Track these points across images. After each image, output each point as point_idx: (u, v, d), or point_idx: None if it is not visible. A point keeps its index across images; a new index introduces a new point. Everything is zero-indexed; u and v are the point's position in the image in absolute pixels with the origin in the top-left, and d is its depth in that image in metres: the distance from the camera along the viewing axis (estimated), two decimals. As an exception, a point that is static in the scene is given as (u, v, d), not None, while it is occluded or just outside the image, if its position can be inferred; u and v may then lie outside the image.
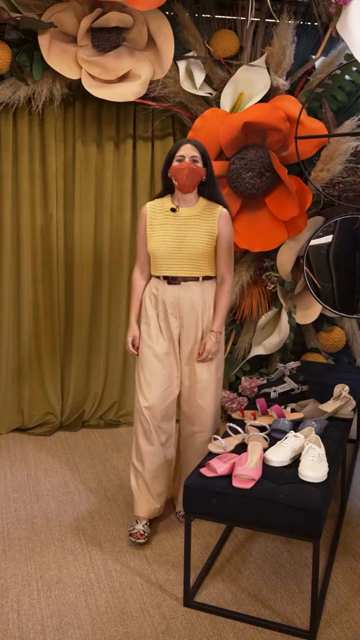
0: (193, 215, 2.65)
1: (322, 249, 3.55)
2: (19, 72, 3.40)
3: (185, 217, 2.65)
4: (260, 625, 2.18)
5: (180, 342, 2.70)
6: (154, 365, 2.67)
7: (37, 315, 3.88)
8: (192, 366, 2.71)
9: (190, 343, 2.70)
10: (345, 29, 3.14)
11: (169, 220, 2.65)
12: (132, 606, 2.27)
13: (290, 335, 3.69)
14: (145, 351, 2.69)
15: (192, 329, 2.68)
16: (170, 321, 2.67)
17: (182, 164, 2.57)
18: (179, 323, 2.68)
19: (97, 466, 3.42)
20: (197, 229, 2.63)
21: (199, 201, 2.69)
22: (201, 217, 2.65)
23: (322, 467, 2.24)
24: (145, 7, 3.20)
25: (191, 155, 2.59)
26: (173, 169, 2.60)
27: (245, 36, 3.56)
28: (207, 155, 2.65)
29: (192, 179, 2.58)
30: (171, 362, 2.70)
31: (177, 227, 2.64)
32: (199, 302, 2.67)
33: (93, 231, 3.88)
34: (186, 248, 2.62)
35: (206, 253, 2.64)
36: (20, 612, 2.24)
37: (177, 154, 2.60)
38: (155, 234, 2.65)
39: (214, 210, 2.67)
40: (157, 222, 2.66)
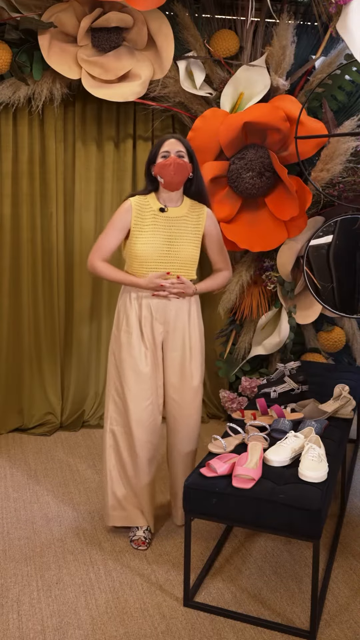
0: (181, 216, 2.55)
1: (322, 249, 3.55)
2: (19, 72, 3.40)
3: (174, 218, 2.54)
4: (260, 625, 2.18)
5: (165, 350, 2.59)
6: (134, 380, 2.56)
7: (37, 315, 3.88)
8: (178, 374, 2.62)
9: (177, 349, 2.59)
10: (345, 29, 3.13)
11: (158, 221, 2.52)
12: (132, 606, 2.27)
13: (290, 335, 3.69)
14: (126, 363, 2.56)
15: (178, 335, 2.58)
16: (154, 327, 2.55)
17: (168, 160, 2.44)
18: (164, 329, 2.57)
19: (97, 466, 3.42)
20: (186, 230, 2.55)
21: (184, 201, 2.59)
22: (188, 218, 2.56)
23: (322, 467, 2.24)
24: (145, 7, 3.20)
25: (176, 150, 2.47)
26: (159, 165, 2.46)
27: (245, 36, 3.56)
28: (192, 151, 2.54)
29: (179, 174, 2.46)
30: (152, 376, 2.58)
31: (167, 229, 2.52)
32: (186, 307, 2.58)
33: (93, 231, 3.88)
34: (175, 251, 2.52)
35: (193, 255, 2.57)
36: (20, 612, 2.24)
37: (161, 150, 2.47)
38: (143, 235, 2.50)
39: (199, 211, 2.60)
40: (145, 223, 2.52)
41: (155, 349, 2.58)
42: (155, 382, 2.60)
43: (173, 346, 2.59)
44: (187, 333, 2.60)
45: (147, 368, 2.57)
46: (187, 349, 2.61)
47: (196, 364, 2.64)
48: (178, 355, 2.60)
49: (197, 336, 2.64)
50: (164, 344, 2.59)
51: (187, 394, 2.64)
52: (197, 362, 2.64)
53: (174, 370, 2.61)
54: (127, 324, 2.57)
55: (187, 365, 2.62)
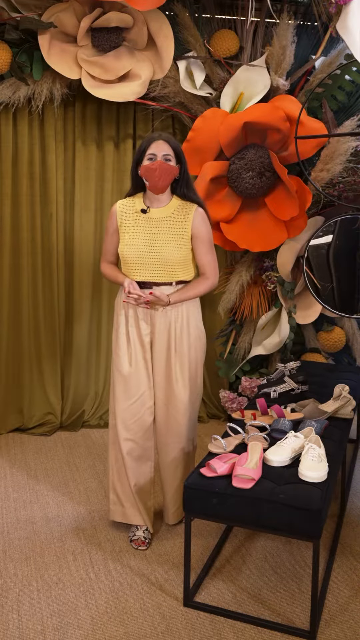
0: (165, 217, 2.50)
1: (322, 249, 3.55)
2: (19, 72, 3.40)
3: (157, 219, 2.50)
4: (260, 625, 2.18)
5: (153, 350, 2.58)
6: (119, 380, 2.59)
7: (37, 316, 3.88)
8: (163, 375, 2.60)
9: (162, 350, 2.57)
10: (345, 29, 3.14)
11: (140, 223, 2.50)
12: (132, 606, 2.27)
13: (290, 335, 3.69)
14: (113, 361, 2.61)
15: (163, 335, 2.56)
16: (141, 327, 2.55)
17: (153, 164, 2.41)
18: (150, 329, 2.56)
19: (97, 466, 3.42)
20: (169, 231, 2.48)
21: (171, 201, 2.54)
22: (174, 219, 2.50)
23: (322, 467, 2.24)
24: (145, 7, 3.20)
25: (163, 153, 2.42)
26: (144, 168, 2.44)
27: (245, 36, 3.56)
28: (180, 151, 2.49)
29: (164, 179, 2.43)
30: (137, 376, 2.58)
31: (148, 230, 2.49)
32: (171, 309, 2.54)
33: (93, 231, 3.88)
34: (157, 252, 2.47)
35: (179, 258, 2.49)
36: (20, 612, 2.24)
37: (147, 152, 2.43)
38: (126, 236, 2.51)
39: (187, 210, 2.52)
40: (128, 224, 2.51)
41: (143, 348, 2.58)
42: (142, 382, 2.59)
43: (159, 347, 2.58)
44: (173, 335, 2.56)
45: (131, 368, 2.57)
46: (172, 351, 2.57)
47: (182, 367, 2.59)
48: (163, 357, 2.58)
49: (185, 340, 2.58)
50: (152, 343, 2.59)
51: (171, 396, 2.61)
52: (184, 366, 2.59)
53: (160, 371, 2.60)
54: (117, 322, 2.61)
55: (172, 367, 2.58)
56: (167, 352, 2.58)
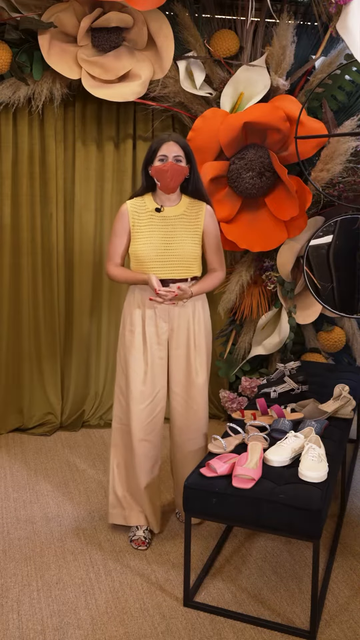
0: (178, 215, 2.57)
1: (322, 249, 3.55)
2: (19, 72, 3.40)
3: (171, 217, 2.56)
4: (260, 625, 2.18)
5: (170, 347, 2.61)
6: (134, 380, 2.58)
7: (37, 316, 3.88)
8: (183, 371, 2.63)
9: (182, 347, 2.61)
10: (345, 29, 3.14)
11: (155, 221, 2.55)
12: (132, 606, 2.27)
13: (290, 335, 3.69)
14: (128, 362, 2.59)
15: (182, 332, 2.60)
16: (159, 325, 2.58)
17: (165, 165, 2.47)
18: (168, 327, 2.59)
19: (97, 466, 3.42)
20: (184, 228, 2.56)
21: (182, 199, 2.61)
22: (186, 216, 2.58)
23: (322, 467, 2.24)
24: (145, 7, 3.20)
25: (174, 154, 2.48)
26: (155, 169, 2.50)
27: (245, 36, 3.56)
28: (190, 151, 2.55)
29: (175, 180, 2.50)
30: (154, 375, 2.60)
31: (164, 228, 2.54)
32: (189, 304, 2.60)
33: (93, 231, 3.88)
34: (174, 249, 2.53)
35: (194, 253, 2.57)
36: (20, 612, 2.24)
37: (159, 153, 2.49)
38: (141, 235, 2.54)
39: (198, 208, 2.61)
40: (142, 224, 2.55)
41: (160, 347, 2.60)
42: (158, 382, 2.61)
43: (178, 344, 2.60)
44: (192, 330, 2.61)
45: (147, 368, 2.58)
46: (191, 346, 2.62)
47: (201, 361, 2.65)
48: (183, 353, 2.62)
49: (202, 333, 2.64)
50: (169, 341, 2.61)
51: (192, 391, 2.65)
52: (203, 359, 2.65)
53: (179, 368, 2.63)
54: (130, 323, 2.59)
55: (192, 362, 2.63)
56: (187, 348, 2.62)
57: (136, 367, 2.58)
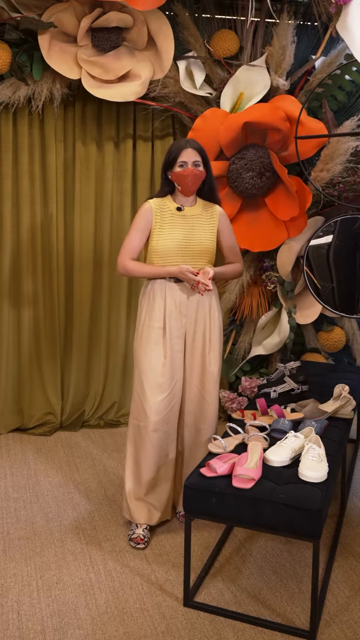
0: (197, 214, 2.72)
1: (322, 249, 3.55)
2: (19, 72, 3.40)
3: (191, 215, 2.71)
4: (260, 625, 2.18)
5: (187, 340, 2.71)
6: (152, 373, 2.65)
7: (37, 316, 3.88)
8: (199, 363, 2.73)
9: (199, 339, 2.72)
10: (345, 29, 3.13)
11: (176, 219, 2.69)
12: (132, 606, 2.27)
13: (290, 335, 3.69)
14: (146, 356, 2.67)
15: (199, 326, 2.71)
16: (178, 319, 2.68)
17: (185, 171, 2.61)
18: (187, 320, 2.69)
19: (97, 466, 3.42)
20: (202, 226, 2.71)
21: (197, 201, 2.76)
22: (203, 216, 2.73)
23: (322, 467, 2.24)
24: (145, 7, 3.20)
25: (193, 160, 2.62)
26: (176, 174, 2.63)
27: (245, 36, 3.56)
28: (206, 155, 2.69)
29: (196, 184, 2.66)
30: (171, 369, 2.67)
31: (185, 225, 2.69)
32: (207, 298, 2.72)
33: (93, 231, 3.88)
34: (195, 244, 2.68)
35: (212, 249, 2.73)
36: (20, 612, 2.24)
37: (178, 159, 2.62)
38: (164, 231, 2.67)
39: (213, 210, 2.77)
40: (165, 221, 2.68)
41: (179, 340, 2.69)
42: (173, 375, 2.69)
43: (195, 336, 2.71)
44: (208, 324, 2.73)
45: (166, 361, 2.66)
46: (207, 339, 2.73)
47: (215, 353, 2.75)
48: (199, 345, 2.72)
49: (217, 328, 2.76)
50: (186, 335, 2.71)
51: (207, 382, 2.74)
52: (216, 352, 2.76)
53: (196, 360, 2.73)
54: (150, 317, 2.68)
55: (206, 354, 2.74)
56: (203, 340, 2.72)
57: (155, 360, 2.66)
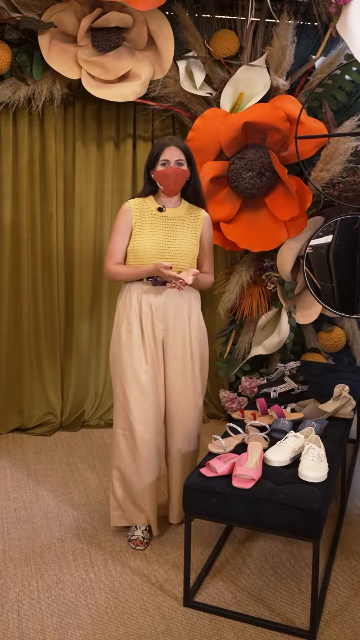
0: (180, 216, 2.62)
1: (322, 249, 3.55)
2: (19, 72, 3.40)
3: (173, 217, 2.61)
4: (260, 625, 2.18)
5: (165, 347, 2.60)
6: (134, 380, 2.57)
7: (37, 315, 3.88)
8: (179, 372, 2.62)
9: (178, 347, 2.60)
10: (345, 29, 3.14)
11: (157, 220, 2.59)
12: (132, 606, 2.27)
13: (290, 335, 3.69)
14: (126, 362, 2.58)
15: (179, 332, 2.60)
16: (155, 324, 2.57)
17: (167, 169, 2.52)
18: (164, 326, 2.58)
19: (97, 466, 3.42)
20: (184, 229, 2.61)
21: (182, 203, 2.66)
22: (187, 218, 2.63)
23: (322, 467, 2.24)
24: (145, 7, 3.20)
25: (176, 158, 2.53)
26: (158, 173, 2.54)
27: (245, 36, 3.56)
28: (191, 154, 2.60)
29: (178, 183, 2.56)
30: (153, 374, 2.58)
31: (165, 227, 2.58)
32: (186, 303, 2.61)
33: (93, 231, 3.88)
34: (174, 247, 2.57)
35: (192, 253, 2.61)
36: (20, 612, 2.24)
37: (161, 158, 2.53)
38: (143, 233, 2.57)
39: (197, 214, 2.67)
40: (145, 222, 2.59)
41: (155, 347, 2.59)
42: (156, 381, 2.61)
43: (174, 343, 2.60)
44: (187, 331, 2.62)
45: (148, 367, 2.58)
46: (187, 346, 2.62)
47: (196, 362, 2.66)
48: (179, 353, 2.61)
49: (197, 334, 2.66)
50: (164, 341, 2.60)
51: (187, 393, 2.65)
52: (197, 361, 2.66)
53: (175, 369, 2.62)
54: (127, 322, 2.59)
55: (188, 363, 2.63)
56: (183, 348, 2.62)
57: (135, 365, 2.56)
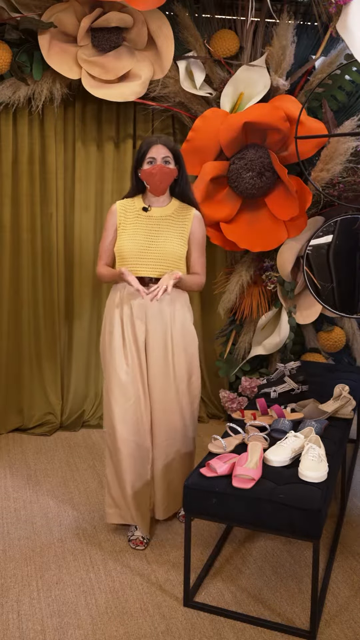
0: (166, 216, 2.58)
1: (322, 249, 3.55)
2: (19, 72, 3.40)
3: (158, 217, 2.57)
4: (260, 625, 2.18)
5: (147, 349, 2.58)
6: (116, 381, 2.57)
7: (37, 315, 3.88)
8: (160, 375, 2.59)
9: (159, 349, 2.57)
10: (345, 29, 3.13)
11: (140, 220, 2.56)
12: (132, 606, 2.27)
13: (290, 335, 3.69)
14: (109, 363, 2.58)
15: (159, 334, 2.56)
16: (136, 325, 2.55)
17: (154, 168, 2.48)
18: (145, 327, 2.56)
19: (97, 466, 3.42)
20: (170, 229, 2.56)
21: (171, 202, 2.62)
22: (174, 218, 2.58)
23: (322, 467, 2.24)
24: (145, 7, 3.20)
25: (162, 156, 2.49)
26: (144, 172, 2.51)
27: (245, 36, 3.56)
28: (179, 152, 2.56)
29: (164, 182, 2.52)
30: (134, 376, 2.57)
31: (149, 227, 2.55)
32: (168, 306, 2.56)
33: (93, 231, 3.88)
34: (156, 248, 2.52)
35: (177, 254, 2.55)
36: (20, 612, 2.24)
37: (147, 156, 2.50)
38: (126, 233, 2.55)
39: (187, 213, 2.61)
40: (128, 222, 2.57)
41: (137, 348, 2.57)
42: (139, 382, 2.58)
43: (154, 345, 2.57)
44: (169, 333, 2.58)
45: (129, 368, 2.57)
46: (168, 349, 2.58)
47: (180, 365, 2.61)
48: (160, 356, 2.58)
49: (181, 339, 2.61)
50: (146, 343, 2.58)
51: (169, 395, 2.61)
52: (181, 363, 2.61)
53: (156, 371, 2.59)
54: (110, 324, 2.60)
55: (169, 365, 2.59)
56: (164, 350, 2.58)
57: (117, 367, 2.56)
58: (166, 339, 2.58)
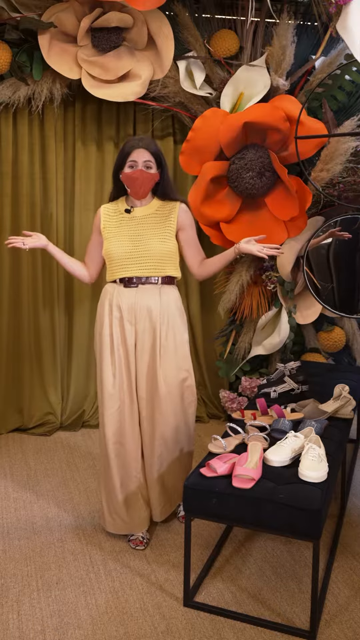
0: (148, 215, 2.59)
1: (322, 249, 3.55)
2: (19, 72, 3.40)
3: (141, 217, 2.58)
4: (260, 625, 2.18)
5: (137, 352, 2.57)
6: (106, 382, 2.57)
7: (37, 316, 3.88)
8: (148, 377, 2.57)
9: (147, 353, 2.55)
10: (345, 29, 3.13)
11: (124, 222, 2.57)
12: (132, 606, 2.27)
13: (290, 335, 3.69)
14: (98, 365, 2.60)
15: (148, 337, 2.55)
16: (125, 328, 2.54)
17: (134, 172, 2.49)
18: (134, 330, 2.55)
19: (97, 466, 3.42)
20: (153, 227, 2.56)
21: (153, 200, 2.62)
22: (157, 215, 2.59)
23: (322, 467, 2.24)
24: (145, 7, 3.20)
25: (144, 160, 2.49)
26: (125, 175, 2.52)
27: (245, 36, 3.56)
28: (161, 156, 2.56)
29: (145, 187, 2.53)
30: (122, 378, 2.56)
31: (132, 228, 2.56)
32: (157, 307, 2.55)
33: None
34: (142, 247, 2.53)
35: (163, 252, 2.55)
36: (20, 612, 2.24)
37: (129, 159, 2.50)
38: (111, 236, 2.57)
39: (171, 207, 2.61)
40: (112, 225, 2.58)
41: (125, 350, 2.56)
42: (127, 384, 2.58)
43: (143, 347, 2.56)
44: (158, 334, 2.56)
45: (116, 371, 2.56)
46: (157, 349, 2.56)
47: (169, 366, 2.58)
48: (148, 357, 2.57)
49: (171, 337, 2.58)
50: (136, 345, 2.57)
51: (157, 397, 2.58)
52: (171, 365, 2.58)
53: (144, 373, 2.58)
54: (100, 326, 2.60)
55: (157, 367, 2.56)
56: (152, 351, 2.56)
57: (106, 369, 2.57)
58: (154, 341, 2.56)
